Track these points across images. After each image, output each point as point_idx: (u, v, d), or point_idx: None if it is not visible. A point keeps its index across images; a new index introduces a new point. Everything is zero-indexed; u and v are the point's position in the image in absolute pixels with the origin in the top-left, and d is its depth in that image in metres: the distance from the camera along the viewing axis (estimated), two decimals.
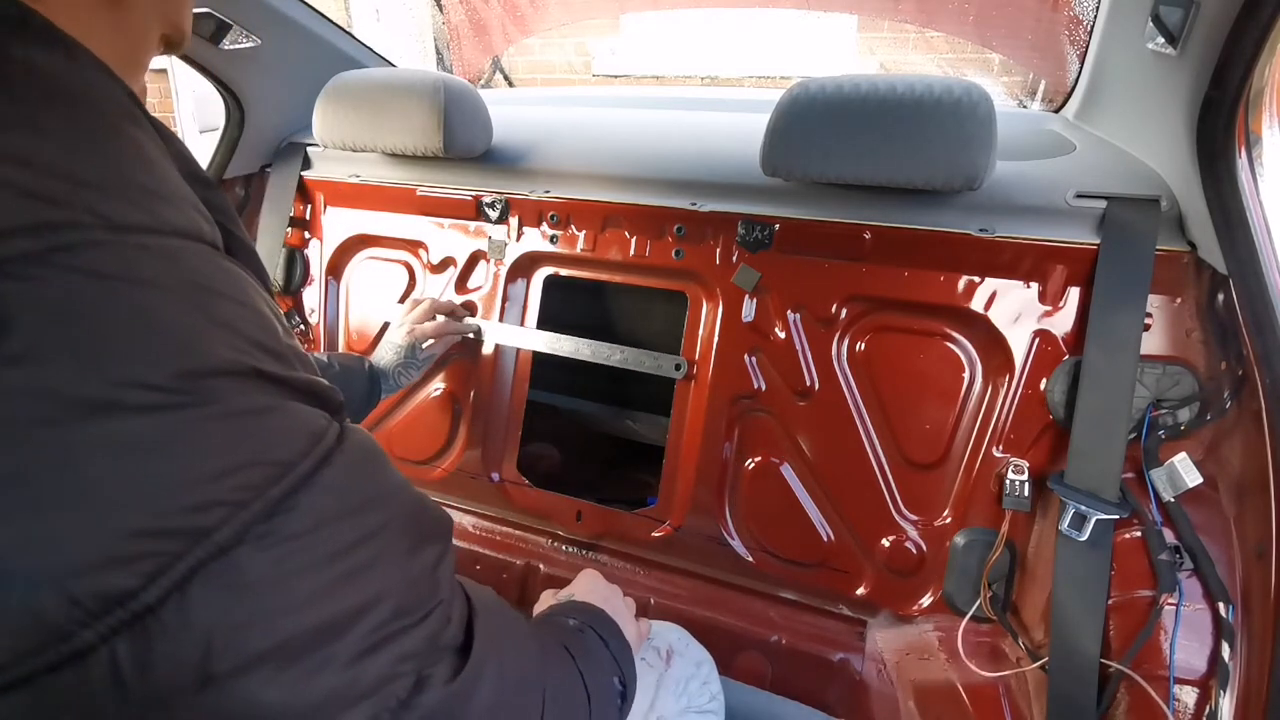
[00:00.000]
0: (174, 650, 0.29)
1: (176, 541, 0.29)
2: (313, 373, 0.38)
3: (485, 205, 1.19)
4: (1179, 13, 0.76)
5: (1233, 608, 0.75)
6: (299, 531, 0.33)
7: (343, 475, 0.36)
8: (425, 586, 0.39)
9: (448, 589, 0.41)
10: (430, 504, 0.43)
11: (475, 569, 1.24)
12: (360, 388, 1.05)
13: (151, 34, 0.42)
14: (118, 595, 0.28)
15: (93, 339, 0.29)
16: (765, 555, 1.10)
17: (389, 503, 0.39)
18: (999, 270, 0.95)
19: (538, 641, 0.51)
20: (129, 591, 0.28)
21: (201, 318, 0.32)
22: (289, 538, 0.32)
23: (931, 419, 1.00)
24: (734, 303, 1.08)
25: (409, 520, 0.40)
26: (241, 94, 1.27)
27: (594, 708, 0.53)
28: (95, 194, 0.30)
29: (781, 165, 0.96)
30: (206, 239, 0.35)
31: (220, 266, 0.35)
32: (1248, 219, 0.76)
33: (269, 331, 0.36)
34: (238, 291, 0.35)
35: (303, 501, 0.33)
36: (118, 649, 0.28)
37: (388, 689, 0.35)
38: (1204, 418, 0.85)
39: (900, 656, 1.00)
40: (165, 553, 0.29)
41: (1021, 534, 0.97)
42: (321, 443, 0.35)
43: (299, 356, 0.38)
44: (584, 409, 1.54)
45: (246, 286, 0.36)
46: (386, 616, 0.36)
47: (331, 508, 0.35)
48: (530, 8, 2.12)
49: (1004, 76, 2.37)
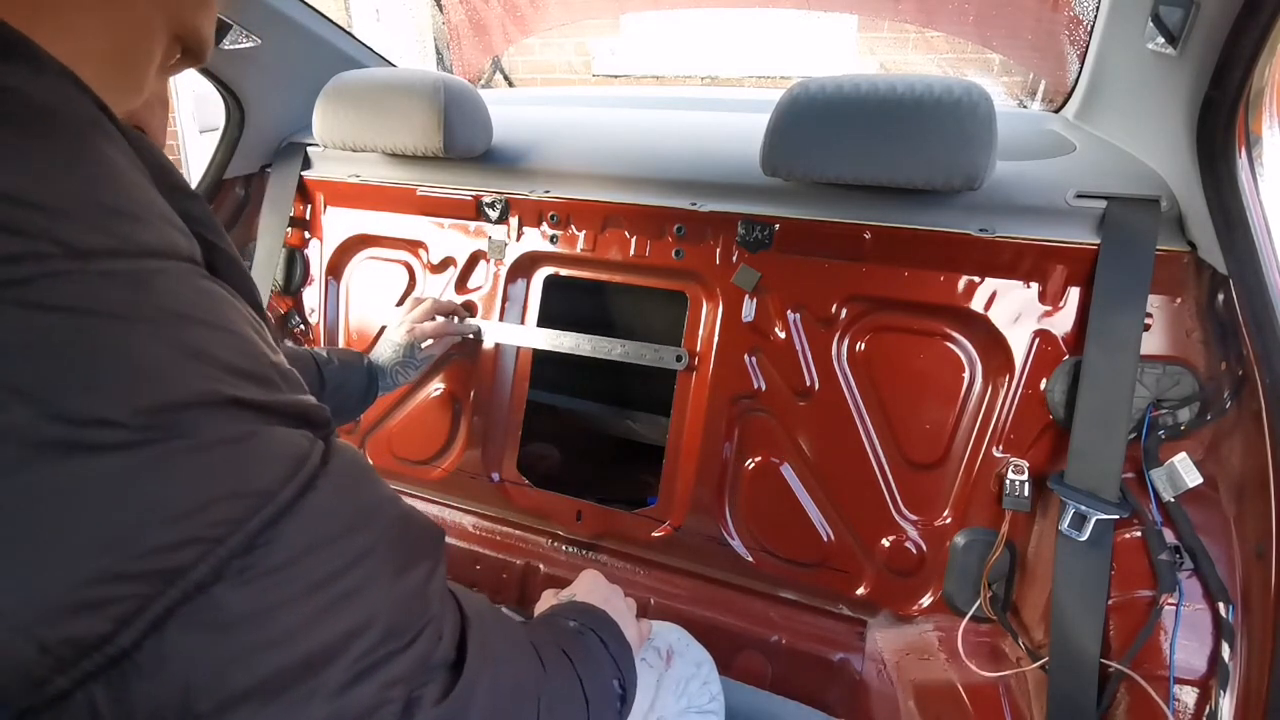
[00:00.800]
0: (153, 692, 0.28)
1: (149, 583, 0.28)
2: (299, 391, 0.37)
3: (485, 205, 1.19)
4: (1179, 13, 0.76)
5: (1233, 608, 0.75)
6: (281, 563, 0.31)
7: (328, 499, 0.34)
8: (415, 606, 0.38)
9: (438, 604, 0.40)
10: (419, 517, 0.42)
11: (475, 569, 1.24)
12: (358, 384, 1.05)
13: (154, 36, 0.40)
14: (91, 641, 0.27)
15: (52, 376, 0.27)
16: (765, 555, 1.10)
17: (377, 522, 0.37)
18: (999, 270, 0.95)
19: (533, 648, 0.51)
20: (102, 636, 0.27)
21: (170, 348, 0.30)
22: (271, 570, 0.31)
23: (931, 419, 1.00)
24: (734, 303, 1.08)
25: (398, 538, 0.38)
26: (241, 94, 1.27)
27: (592, 711, 0.52)
28: (56, 220, 0.28)
29: (781, 165, 0.96)
30: (183, 255, 0.34)
31: (196, 287, 0.33)
32: (1248, 219, 0.76)
33: (249, 354, 0.34)
34: (215, 314, 0.34)
35: (285, 531, 0.32)
36: (95, 694, 0.27)
37: (376, 716, 0.34)
38: (1204, 418, 0.85)
39: (900, 656, 1.00)
40: (138, 595, 0.28)
41: (1021, 534, 0.97)
42: (305, 467, 0.34)
43: (284, 375, 0.37)
44: (584, 409, 1.54)
45: (225, 307, 0.35)
46: (375, 642, 0.35)
47: (316, 535, 0.33)
48: (530, 8, 2.12)
49: (1004, 76, 2.37)
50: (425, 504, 1.34)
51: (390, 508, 0.39)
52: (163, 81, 0.44)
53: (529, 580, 1.22)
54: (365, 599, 0.35)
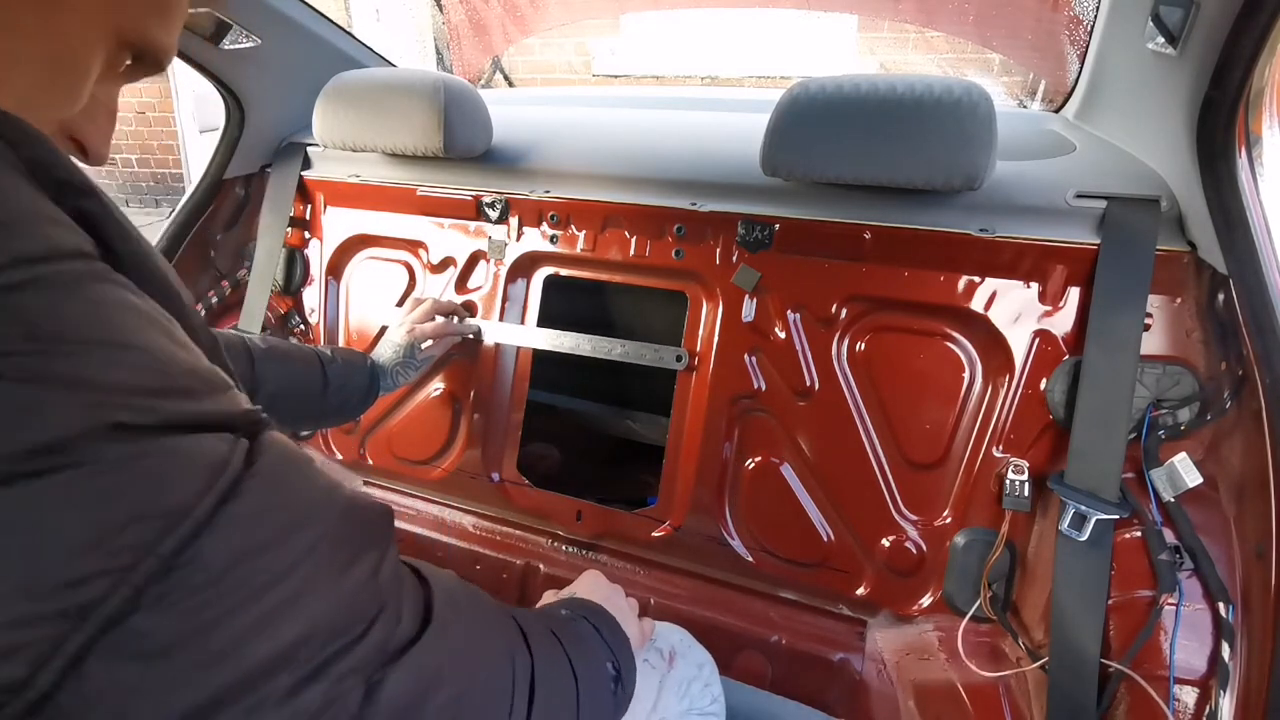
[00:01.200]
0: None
1: (59, 623, 0.27)
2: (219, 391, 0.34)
3: (485, 205, 1.19)
4: (1179, 13, 0.76)
5: (1233, 608, 0.75)
6: (207, 581, 0.30)
7: (256, 503, 0.32)
8: (365, 598, 0.36)
9: (392, 589, 0.38)
10: (364, 502, 0.40)
11: (475, 569, 1.24)
12: (360, 383, 1.05)
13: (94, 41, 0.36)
14: (10, 686, 0.26)
15: None
16: (765, 555, 1.10)
17: (317, 518, 0.35)
18: (999, 270, 0.95)
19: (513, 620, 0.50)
20: (19, 681, 0.26)
21: (39, 382, 0.28)
22: (196, 589, 0.29)
23: (931, 419, 1.00)
24: (734, 303, 1.08)
25: (342, 531, 0.36)
26: (241, 94, 1.27)
27: (583, 689, 0.52)
28: None
29: (781, 165, 0.96)
30: (65, 253, 0.30)
31: (82, 299, 0.30)
32: (1248, 219, 0.76)
33: (152, 368, 0.31)
34: (105, 329, 0.30)
35: (206, 547, 0.30)
36: None
37: (334, 709, 0.33)
38: (1204, 418, 0.85)
39: (900, 656, 1.00)
40: (49, 636, 0.27)
41: (1021, 534, 0.97)
42: (224, 474, 0.31)
43: (201, 377, 0.34)
44: (584, 409, 1.54)
45: (123, 316, 0.31)
46: (324, 640, 0.33)
47: (245, 544, 0.31)
48: (530, 8, 2.12)
49: (1004, 76, 2.37)
50: (425, 504, 1.34)
51: (331, 501, 0.37)
52: (111, 90, 0.41)
53: (529, 580, 1.22)
54: (310, 602, 0.33)
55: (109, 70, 0.38)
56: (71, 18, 0.35)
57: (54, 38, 0.35)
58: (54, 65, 0.35)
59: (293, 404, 0.96)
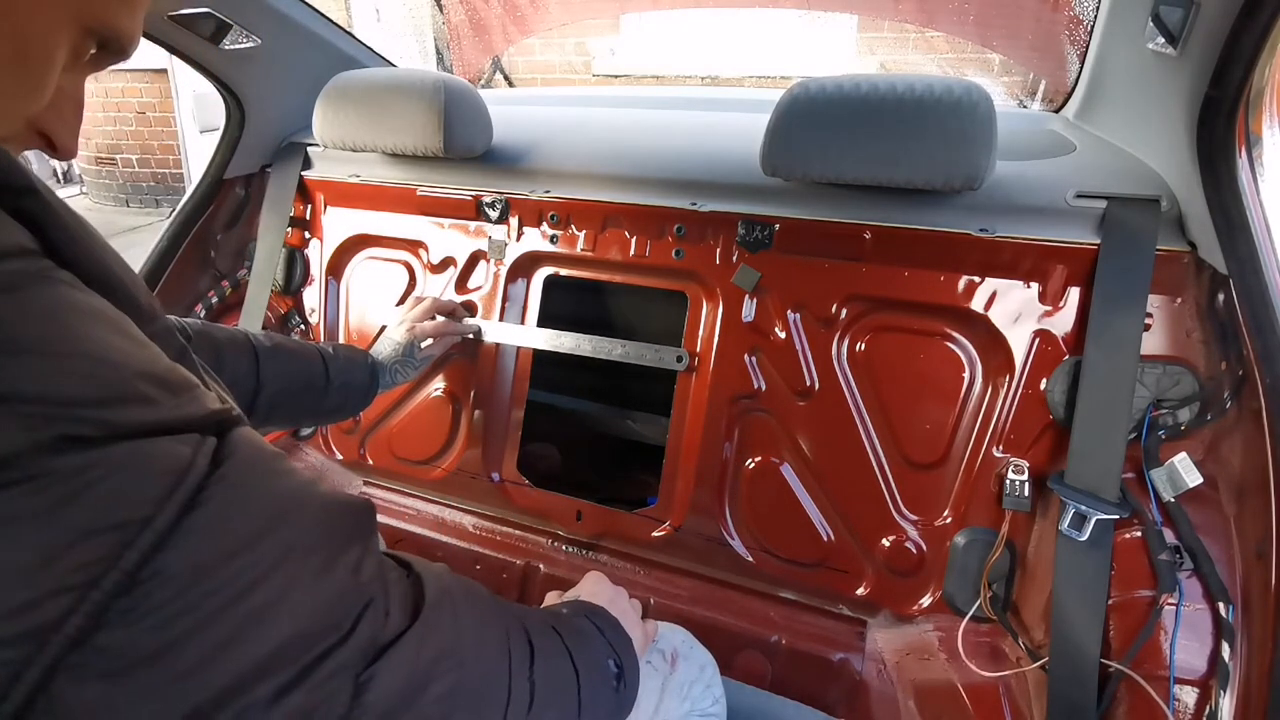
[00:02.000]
0: None
1: (19, 647, 0.26)
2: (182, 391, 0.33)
3: (485, 205, 1.19)
4: (1179, 13, 0.76)
5: (1233, 608, 0.75)
6: (174, 592, 0.29)
7: (223, 508, 0.31)
8: (350, 596, 0.35)
9: (377, 584, 0.37)
10: (342, 497, 0.38)
11: (475, 569, 1.24)
12: (360, 380, 1.05)
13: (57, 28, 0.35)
14: None
15: None
16: (765, 555, 1.10)
17: (292, 520, 0.34)
18: (999, 270, 0.95)
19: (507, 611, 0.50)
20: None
21: None
22: (164, 602, 0.28)
23: (931, 419, 1.00)
24: (734, 303, 1.08)
25: (321, 529, 0.35)
26: (241, 94, 1.27)
27: (584, 685, 0.52)
28: None
29: (781, 165, 0.96)
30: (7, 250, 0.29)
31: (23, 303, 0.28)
32: (1248, 219, 0.77)
33: (99, 375, 0.29)
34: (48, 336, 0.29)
35: (171, 559, 0.29)
36: None
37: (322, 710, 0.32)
38: (1204, 418, 0.85)
39: (900, 656, 1.00)
40: (13, 660, 0.26)
41: (1021, 534, 0.97)
42: (186, 480, 0.30)
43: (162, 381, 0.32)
44: (584, 409, 1.54)
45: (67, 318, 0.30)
46: (307, 643, 0.32)
47: (214, 551, 0.30)
48: (530, 8, 2.12)
49: (1004, 76, 2.37)
50: (425, 504, 1.34)
51: (305, 500, 0.36)
52: (77, 81, 0.39)
53: (529, 580, 1.22)
54: (289, 606, 0.32)
55: (74, 60, 0.37)
56: (33, 6, 0.33)
57: (16, 28, 0.33)
58: (17, 57, 0.33)
59: (296, 400, 0.96)
